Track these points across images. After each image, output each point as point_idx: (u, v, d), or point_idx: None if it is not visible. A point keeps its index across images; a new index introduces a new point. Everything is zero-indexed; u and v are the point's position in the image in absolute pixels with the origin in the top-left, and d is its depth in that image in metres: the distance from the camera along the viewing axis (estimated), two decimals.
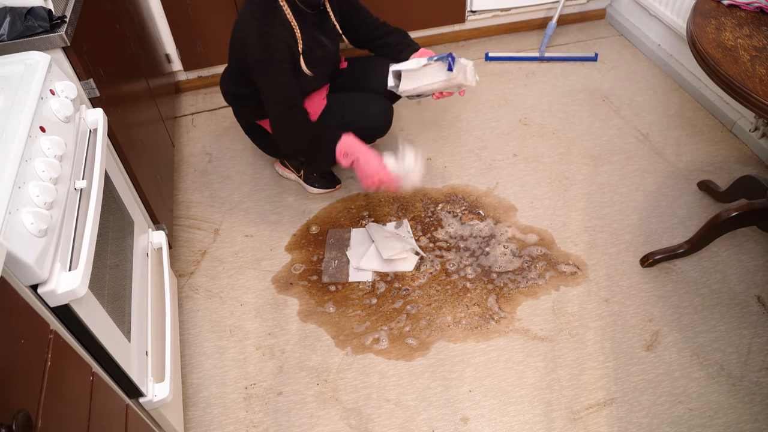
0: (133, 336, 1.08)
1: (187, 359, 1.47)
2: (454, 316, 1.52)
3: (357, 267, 1.63)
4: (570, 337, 1.46)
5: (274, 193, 1.89)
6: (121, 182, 1.25)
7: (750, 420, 1.29)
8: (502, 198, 1.84)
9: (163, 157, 1.77)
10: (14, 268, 0.74)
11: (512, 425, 1.31)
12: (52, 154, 0.91)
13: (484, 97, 2.24)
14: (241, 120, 1.80)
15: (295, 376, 1.42)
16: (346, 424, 1.33)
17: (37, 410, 0.66)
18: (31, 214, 0.79)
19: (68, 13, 1.10)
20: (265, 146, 1.83)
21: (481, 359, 1.43)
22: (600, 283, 1.58)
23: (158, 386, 1.11)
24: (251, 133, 1.82)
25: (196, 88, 2.38)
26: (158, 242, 1.40)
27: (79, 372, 0.83)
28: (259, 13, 1.47)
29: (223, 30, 2.17)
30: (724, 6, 1.35)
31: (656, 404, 1.33)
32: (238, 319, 1.55)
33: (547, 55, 2.42)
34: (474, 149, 2.02)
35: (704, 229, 1.55)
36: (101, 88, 1.20)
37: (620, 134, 2.05)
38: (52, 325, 0.79)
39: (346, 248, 1.69)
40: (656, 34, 2.37)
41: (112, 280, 1.05)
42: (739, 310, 1.50)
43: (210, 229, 1.80)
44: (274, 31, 1.47)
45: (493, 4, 2.45)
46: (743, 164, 1.90)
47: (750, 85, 1.09)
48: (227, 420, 1.35)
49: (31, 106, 0.92)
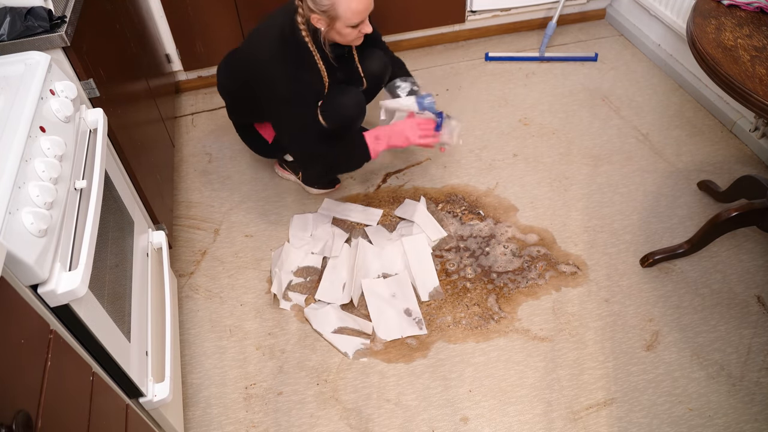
0: (133, 336, 1.08)
1: (187, 359, 1.47)
2: (454, 316, 1.51)
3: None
4: (570, 337, 1.46)
5: (274, 193, 1.89)
6: (121, 182, 1.25)
7: (750, 420, 1.29)
8: (502, 198, 1.84)
9: (163, 157, 1.77)
10: (14, 268, 0.74)
11: (512, 425, 1.31)
12: (52, 154, 0.91)
13: (484, 97, 2.24)
14: (235, 118, 1.78)
15: (295, 376, 1.42)
16: (346, 424, 1.33)
17: (37, 410, 0.66)
18: (31, 214, 0.79)
19: (68, 13, 1.10)
20: (258, 148, 1.82)
21: (481, 359, 1.43)
22: (600, 283, 1.58)
23: (158, 386, 1.11)
24: (244, 133, 1.81)
25: (196, 88, 2.38)
26: (158, 242, 1.40)
27: (79, 372, 0.83)
28: (292, 55, 1.47)
29: (223, 30, 2.17)
30: (724, 6, 1.35)
31: (656, 404, 1.33)
32: (238, 319, 1.55)
33: (547, 55, 2.42)
34: (474, 149, 2.02)
35: (704, 229, 1.55)
36: (101, 88, 1.20)
37: (620, 134, 2.05)
38: (52, 325, 0.79)
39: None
40: (656, 34, 2.36)
41: (112, 280, 1.05)
42: (739, 310, 1.50)
43: (210, 229, 1.80)
44: (304, 75, 1.49)
45: (493, 4, 2.45)
46: (743, 164, 1.90)
47: (750, 85, 1.09)
48: (227, 420, 1.35)
49: (31, 106, 0.92)
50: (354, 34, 1.45)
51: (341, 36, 1.46)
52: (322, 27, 1.43)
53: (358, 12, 1.39)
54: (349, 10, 1.38)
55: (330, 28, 1.44)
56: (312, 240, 1.71)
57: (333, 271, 1.61)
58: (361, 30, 1.45)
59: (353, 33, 1.45)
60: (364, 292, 1.54)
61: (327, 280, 1.59)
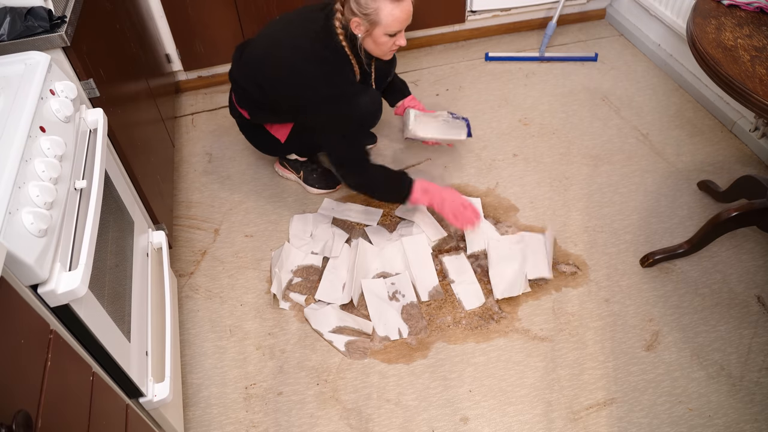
0: (133, 336, 1.08)
1: (187, 359, 1.47)
2: (454, 317, 1.51)
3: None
4: (570, 337, 1.46)
5: (274, 193, 1.89)
6: (121, 182, 1.25)
7: (750, 420, 1.29)
8: (502, 198, 1.84)
9: (163, 157, 1.77)
10: (14, 268, 0.74)
11: (512, 425, 1.31)
12: (52, 154, 0.91)
13: (484, 97, 2.24)
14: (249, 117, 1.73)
15: (295, 376, 1.42)
16: (346, 424, 1.33)
17: (37, 410, 0.66)
18: (31, 214, 0.79)
19: (68, 13, 1.10)
20: (266, 147, 1.81)
21: (481, 359, 1.43)
22: (600, 283, 1.58)
23: (158, 386, 1.11)
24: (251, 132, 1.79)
25: (196, 88, 2.38)
26: (158, 242, 1.40)
27: (79, 372, 0.83)
28: (330, 59, 1.49)
29: (223, 30, 2.17)
30: (724, 6, 1.35)
31: (656, 404, 1.33)
32: (238, 319, 1.55)
33: (547, 55, 2.42)
34: (474, 149, 2.02)
35: (704, 229, 1.56)
36: (101, 88, 1.20)
37: (620, 134, 2.05)
38: (52, 325, 0.79)
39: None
40: (656, 34, 2.37)
41: (112, 280, 1.05)
42: (739, 310, 1.50)
43: (210, 229, 1.80)
44: (343, 82, 1.51)
45: (493, 4, 2.45)
46: (743, 164, 1.90)
47: (750, 85, 1.09)
48: (227, 420, 1.35)
49: (31, 106, 0.92)
50: (389, 44, 1.49)
51: (376, 45, 1.49)
52: (360, 33, 1.46)
53: (399, 20, 1.43)
54: (391, 16, 1.41)
55: (368, 35, 1.47)
56: (312, 240, 1.71)
57: (333, 271, 1.61)
58: (396, 41, 1.50)
59: (388, 43, 1.48)
60: (364, 292, 1.54)
61: (327, 280, 1.59)
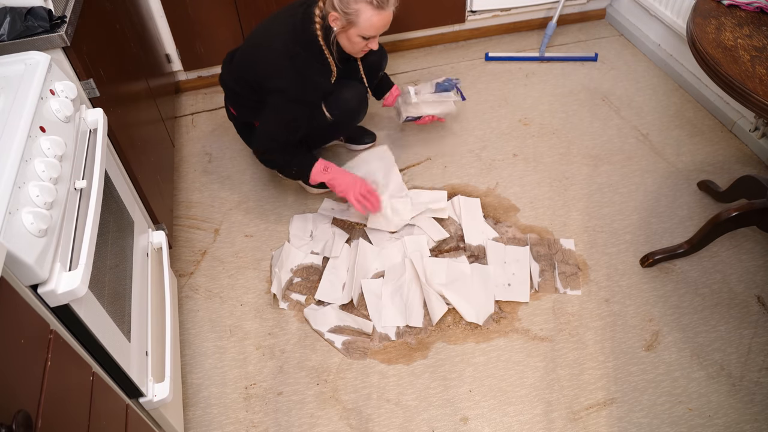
0: (133, 336, 1.08)
1: (187, 359, 1.47)
2: (454, 316, 1.51)
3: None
4: (570, 337, 1.46)
5: (274, 193, 1.89)
6: (121, 182, 1.25)
7: (750, 420, 1.29)
8: (502, 198, 1.84)
9: (163, 157, 1.77)
10: (14, 268, 0.74)
11: (512, 425, 1.31)
12: (52, 154, 0.91)
13: (484, 97, 2.24)
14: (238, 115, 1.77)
15: (295, 376, 1.42)
16: (346, 424, 1.33)
17: (37, 410, 0.66)
18: (31, 214, 0.79)
19: (68, 13, 1.10)
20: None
21: (481, 359, 1.43)
22: (600, 283, 1.58)
23: (158, 386, 1.11)
24: (246, 133, 1.81)
25: (196, 88, 2.38)
26: (158, 242, 1.40)
27: (79, 372, 0.83)
28: (303, 50, 1.49)
29: (223, 30, 2.17)
30: (724, 6, 1.35)
31: (656, 404, 1.33)
32: (238, 319, 1.55)
33: (547, 55, 2.42)
34: (474, 149, 2.02)
35: (704, 229, 1.55)
36: (101, 88, 1.20)
37: (620, 134, 2.05)
38: (52, 325, 0.79)
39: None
40: (656, 34, 2.37)
41: (112, 280, 1.05)
42: (739, 310, 1.50)
43: (210, 229, 1.80)
44: (311, 74, 1.52)
45: (493, 4, 2.45)
46: (743, 164, 1.90)
47: (750, 85, 1.09)
48: (227, 420, 1.35)
49: (31, 106, 0.92)
50: (361, 45, 1.51)
51: (350, 43, 1.51)
52: (336, 27, 1.48)
53: (375, 27, 1.46)
54: (368, 21, 1.44)
55: (343, 31, 1.48)
56: (312, 240, 1.71)
57: (333, 271, 1.61)
58: (369, 45, 1.52)
59: (361, 44, 1.51)
60: (364, 292, 1.54)
61: (327, 280, 1.59)
